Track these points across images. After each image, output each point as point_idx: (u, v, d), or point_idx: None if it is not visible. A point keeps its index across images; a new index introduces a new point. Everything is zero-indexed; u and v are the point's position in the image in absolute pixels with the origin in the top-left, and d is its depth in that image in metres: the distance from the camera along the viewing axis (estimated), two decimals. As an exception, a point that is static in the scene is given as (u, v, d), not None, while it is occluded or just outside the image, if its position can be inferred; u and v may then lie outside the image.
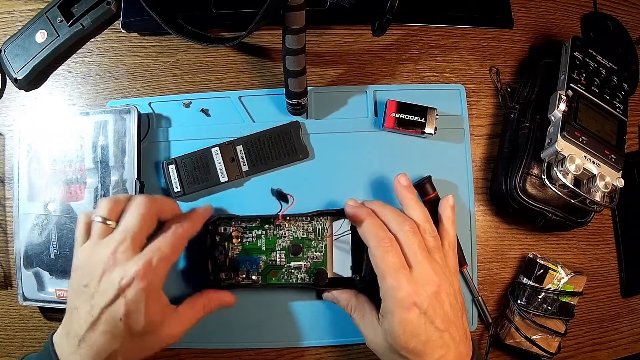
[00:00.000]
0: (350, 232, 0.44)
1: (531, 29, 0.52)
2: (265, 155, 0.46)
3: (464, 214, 0.47)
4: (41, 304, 0.44)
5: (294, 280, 0.44)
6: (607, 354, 0.49)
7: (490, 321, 0.46)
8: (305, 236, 0.44)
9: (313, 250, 0.44)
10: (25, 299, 0.43)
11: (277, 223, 0.43)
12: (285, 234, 0.44)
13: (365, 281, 0.42)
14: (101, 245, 0.34)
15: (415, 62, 0.50)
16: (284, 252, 0.44)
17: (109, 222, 0.35)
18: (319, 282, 0.43)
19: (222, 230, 0.43)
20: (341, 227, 0.44)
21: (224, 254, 0.43)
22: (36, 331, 0.46)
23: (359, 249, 0.43)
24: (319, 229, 0.44)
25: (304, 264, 0.44)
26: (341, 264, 0.44)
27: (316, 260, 0.44)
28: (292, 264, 0.44)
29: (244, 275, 0.43)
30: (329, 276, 0.43)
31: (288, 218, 0.43)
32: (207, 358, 0.45)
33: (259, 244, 0.44)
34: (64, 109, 0.48)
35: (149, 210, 0.35)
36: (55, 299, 0.43)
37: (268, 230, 0.44)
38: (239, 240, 0.43)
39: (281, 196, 0.41)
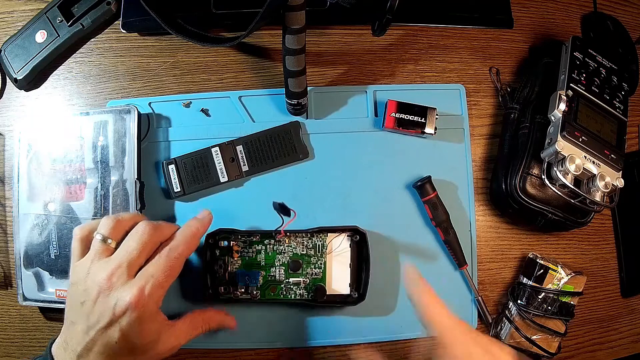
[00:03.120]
0: (349, 249, 0.44)
1: (531, 29, 0.52)
2: (265, 155, 0.46)
3: (464, 214, 0.47)
4: (41, 304, 0.44)
5: (293, 296, 0.44)
6: (607, 354, 0.49)
7: (491, 321, 0.46)
8: (304, 252, 0.44)
9: (312, 266, 0.44)
10: (25, 299, 0.43)
11: (279, 238, 0.43)
12: (285, 249, 0.44)
13: (363, 299, 0.43)
14: (98, 266, 0.34)
15: (415, 62, 0.50)
16: (284, 267, 0.44)
17: (109, 241, 0.35)
18: (318, 299, 0.43)
19: (222, 244, 0.43)
20: (341, 244, 0.44)
21: (223, 268, 0.43)
22: (36, 331, 0.46)
23: (357, 265, 0.44)
24: (319, 245, 0.44)
25: (303, 280, 0.44)
26: (340, 281, 0.44)
27: (315, 276, 0.44)
28: (291, 279, 0.44)
29: (243, 290, 0.43)
30: (327, 293, 0.43)
31: (288, 234, 0.43)
32: (207, 358, 0.45)
33: (258, 259, 0.44)
34: (64, 109, 0.48)
35: (151, 238, 0.35)
36: (55, 299, 0.43)
37: (268, 246, 0.44)
38: (239, 254, 0.43)
39: (284, 210, 0.41)
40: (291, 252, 0.44)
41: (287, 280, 0.44)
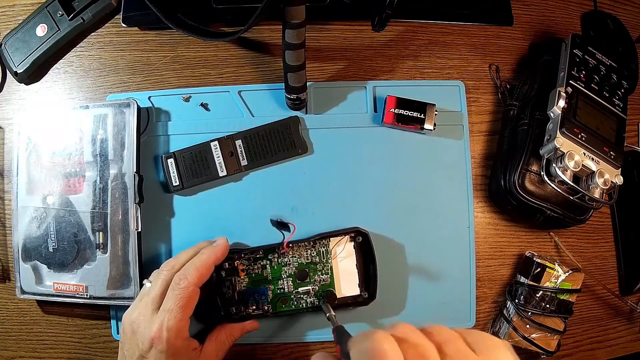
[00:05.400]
0: (353, 250, 0.44)
1: (531, 26, 0.52)
2: (264, 149, 0.46)
3: (463, 210, 0.47)
4: (39, 297, 0.44)
5: (304, 305, 0.44)
6: (605, 353, 0.49)
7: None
8: (309, 260, 0.44)
9: (319, 273, 0.44)
10: (23, 292, 0.43)
11: (282, 252, 0.43)
12: (289, 260, 0.44)
13: (373, 297, 0.43)
14: (134, 306, 0.38)
15: (415, 58, 0.50)
16: (291, 278, 0.44)
17: (148, 284, 0.38)
18: (329, 304, 0.43)
19: (227, 266, 0.43)
20: (344, 247, 0.44)
21: (231, 289, 0.43)
22: (34, 325, 0.46)
23: (364, 265, 0.44)
24: (322, 251, 0.44)
25: (312, 288, 0.44)
26: (349, 283, 0.44)
27: (323, 282, 0.44)
28: (300, 289, 0.44)
29: (254, 307, 0.43)
30: (338, 296, 0.43)
31: (291, 245, 0.43)
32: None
33: (265, 274, 0.44)
34: (64, 102, 0.49)
35: (166, 268, 0.38)
36: (53, 292, 0.43)
37: (272, 260, 0.44)
38: (245, 273, 0.43)
39: (282, 225, 0.41)
40: (296, 262, 0.44)
41: (296, 290, 0.44)
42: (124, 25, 0.48)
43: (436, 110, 0.46)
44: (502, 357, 0.24)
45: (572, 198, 0.43)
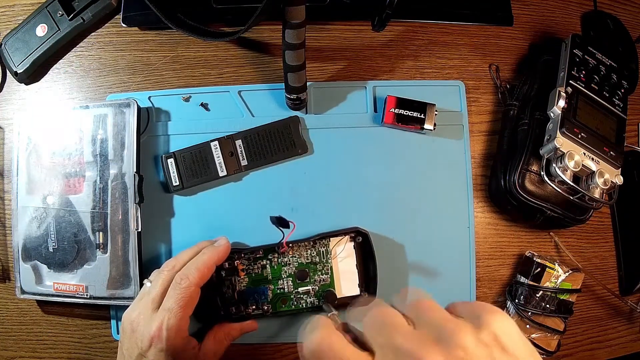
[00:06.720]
0: (353, 250, 0.44)
1: (531, 26, 0.52)
2: (264, 149, 0.46)
3: (463, 210, 0.47)
4: (39, 297, 0.44)
5: (304, 305, 0.44)
6: (605, 352, 0.49)
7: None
8: (309, 260, 0.44)
9: (319, 273, 0.44)
10: (23, 292, 0.43)
11: (282, 251, 0.43)
12: (289, 260, 0.44)
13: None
14: (133, 305, 0.38)
15: (414, 58, 0.50)
16: (291, 278, 0.44)
17: (148, 284, 0.39)
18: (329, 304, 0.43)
19: (227, 265, 0.43)
20: (344, 247, 0.44)
21: (231, 289, 0.43)
22: (33, 325, 0.46)
23: (364, 265, 0.44)
24: (323, 251, 0.44)
25: (312, 288, 0.44)
26: (349, 283, 0.44)
27: (323, 282, 0.44)
28: (300, 289, 0.44)
29: (254, 306, 0.43)
30: (337, 296, 0.43)
31: (290, 245, 0.43)
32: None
33: (265, 274, 0.44)
34: (64, 102, 0.49)
35: (167, 268, 0.39)
36: (53, 292, 0.43)
37: (272, 259, 0.44)
38: (245, 272, 0.43)
39: (282, 223, 0.41)
40: (296, 262, 0.44)
41: (296, 290, 0.44)
42: (124, 25, 0.48)
43: (436, 110, 0.46)
44: (499, 321, 0.20)
45: (572, 198, 0.43)
